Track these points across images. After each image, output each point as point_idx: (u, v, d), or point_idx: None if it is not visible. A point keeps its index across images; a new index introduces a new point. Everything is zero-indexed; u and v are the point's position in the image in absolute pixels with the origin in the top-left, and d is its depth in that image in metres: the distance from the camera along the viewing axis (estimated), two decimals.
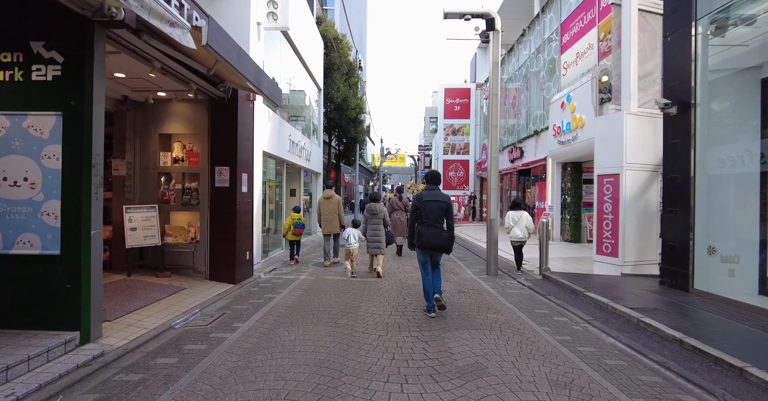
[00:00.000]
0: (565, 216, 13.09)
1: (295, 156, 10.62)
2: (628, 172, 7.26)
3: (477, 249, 11.56)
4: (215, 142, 6.35)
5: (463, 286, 6.64)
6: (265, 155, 8.56)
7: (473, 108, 23.24)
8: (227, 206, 6.28)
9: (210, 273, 6.36)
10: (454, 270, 8.20)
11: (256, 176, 7.46)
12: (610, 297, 5.63)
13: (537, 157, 14.71)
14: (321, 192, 14.93)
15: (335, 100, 16.87)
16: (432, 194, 4.92)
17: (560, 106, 12.27)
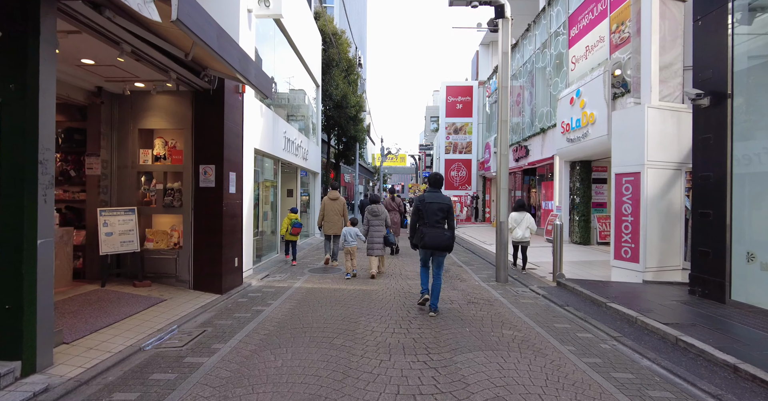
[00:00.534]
0: (573, 218, 12.50)
1: (291, 154, 10.03)
2: (649, 171, 6.67)
3: (482, 252, 10.97)
4: (200, 138, 5.76)
5: (472, 296, 6.05)
6: (258, 153, 7.97)
7: (476, 106, 22.65)
8: (213, 208, 5.70)
9: (194, 282, 5.77)
10: (461, 276, 7.61)
11: (247, 175, 6.87)
12: (637, 309, 5.03)
13: (543, 156, 14.12)
14: (319, 192, 14.33)
15: (334, 97, 16.28)
16: (434, 196, 5.10)
17: (569, 102, 11.68)
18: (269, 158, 8.95)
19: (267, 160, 9.01)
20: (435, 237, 4.91)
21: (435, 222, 4.98)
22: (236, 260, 6.17)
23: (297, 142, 10.56)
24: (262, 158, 8.65)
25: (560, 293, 6.33)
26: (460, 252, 11.14)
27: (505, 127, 7.32)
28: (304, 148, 11.45)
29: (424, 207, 5.04)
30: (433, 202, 5.02)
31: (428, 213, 4.99)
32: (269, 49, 9.08)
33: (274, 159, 9.18)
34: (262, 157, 8.54)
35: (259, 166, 8.37)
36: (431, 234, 4.92)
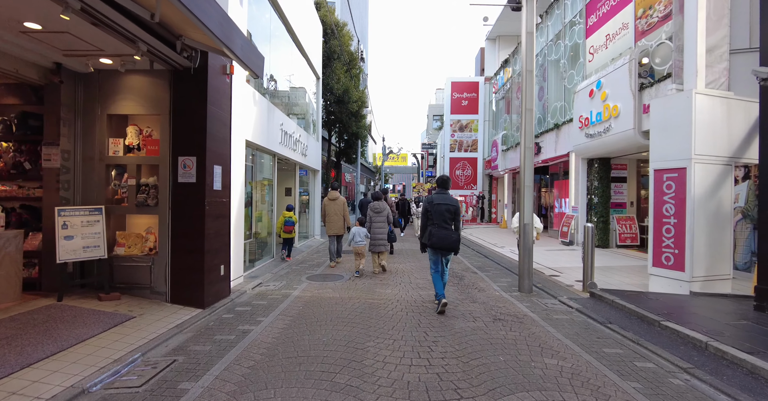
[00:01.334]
0: (591, 219, 11.61)
1: (288, 149, 9.14)
2: (697, 166, 5.78)
3: (496, 256, 10.07)
4: (179, 126, 4.88)
5: (496, 310, 5.16)
6: (250, 146, 7.09)
7: (482, 103, 21.77)
8: (193, 207, 4.81)
9: (171, 294, 4.88)
10: (478, 284, 6.72)
11: (236, 170, 5.99)
12: (702, 330, 4.15)
13: (557, 153, 13.24)
14: (320, 191, 13.45)
15: (335, 91, 15.40)
16: (442, 198, 5.11)
17: (588, 94, 10.80)
18: (264, 152, 8.07)
19: (262, 155, 8.13)
20: (443, 238, 4.94)
21: (443, 223, 5.00)
22: (222, 268, 5.28)
23: (295, 136, 9.68)
24: (257, 153, 7.77)
25: (596, 306, 5.45)
26: (471, 255, 10.25)
27: (529, 117, 6.44)
28: (303, 143, 10.57)
29: (432, 208, 5.06)
30: (441, 203, 5.04)
31: (436, 214, 5.02)
32: (264, 36, 8.19)
33: (269, 153, 8.30)
34: (256, 151, 7.66)
35: (251, 161, 7.49)
36: (439, 235, 4.95)
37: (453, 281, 6.88)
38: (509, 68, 18.57)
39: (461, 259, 9.38)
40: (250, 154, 7.57)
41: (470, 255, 10.19)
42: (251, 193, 7.39)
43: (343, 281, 6.68)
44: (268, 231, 8.76)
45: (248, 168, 7.12)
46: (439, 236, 4.94)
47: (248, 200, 7.21)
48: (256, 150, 7.63)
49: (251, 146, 7.13)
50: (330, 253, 8.06)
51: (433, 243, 4.97)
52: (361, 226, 7.46)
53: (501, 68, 19.68)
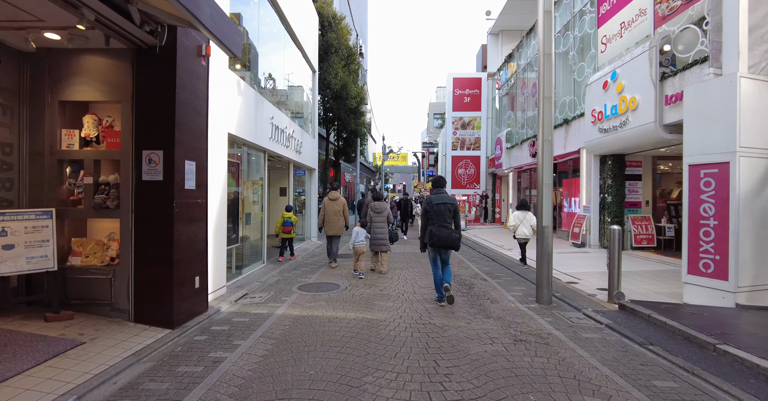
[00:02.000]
0: (604, 219, 10.86)
1: (280, 146, 8.39)
2: (742, 160, 5.02)
3: (505, 260, 9.31)
4: (144, 114, 4.13)
5: (515, 327, 4.40)
6: (235, 141, 6.34)
7: (485, 99, 21.01)
8: (160, 210, 4.06)
9: (136, 312, 4.13)
10: (489, 294, 5.96)
11: (216, 167, 5.24)
12: None
13: (567, 150, 12.48)
14: (316, 191, 12.70)
15: (333, 86, 14.64)
16: (440, 197, 5.19)
17: (602, 86, 10.05)
18: (252, 149, 7.32)
19: (250, 152, 7.37)
20: (444, 236, 5.03)
21: (443, 222, 5.09)
22: (197, 279, 4.53)
23: (288, 131, 8.92)
24: (243, 149, 7.01)
25: (629, 322, 4.69)
26: (477, 259, 9.50)
27: (548, 106, 5.69)
28: (297, 139, 9.81)
29: (431, 208, 5.15)
30: (440, 203, 5.14)
31: (436, 213, 5.11)
32: (252, 19, 7.44)
33: (258, 150, 7.54)
34: (243, 147, 6.90)
35: (238, 158, 6.74)
36: (440, 234, 5.03)
37: (462, 290, 6.13)
38: (513, 63, 17.82)
39: (468, 264, 8.63)
40: (241, 151, 6.82)
41: (477, 259, 9.43)
42: (238, 193, 6.64)
43: (339, 291, 5.92)
44: (260, 234, 8.01)
45: (233, 166, 6.37)
46: (440, 235, 5.03)
47: (232, 200, 6.46)
48: (243, 146, 6.88)
49: (236, 141, 6.38)
50: (327, 253, 8.08)
51: (434, 242, 5.05)
52: (362, 227, 7.44)
53: (505, 63, 18.92)
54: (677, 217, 11.04)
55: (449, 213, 5.11)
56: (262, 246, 7.91)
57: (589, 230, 11.14)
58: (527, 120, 16.26)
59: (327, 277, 6.96)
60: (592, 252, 10.38)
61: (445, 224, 5.08)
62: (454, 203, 5.22)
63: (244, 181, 7.23)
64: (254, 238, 7.84)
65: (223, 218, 5.57)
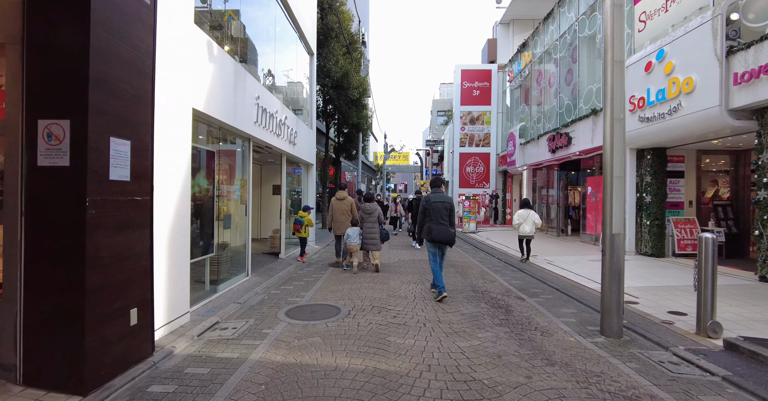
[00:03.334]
0: (641, 222, 9.42)
1: (269, 134, 6.94)
2: None
3: (534, 269, 7.84)
4: (42, 66, 2.69)
5: (596, 383, 2.95)
6: (202, 121, 4.90)
7: (495, 93, 19.56)
8: (66, 211, 2.63)
9: (26, 368, 2.69)
10: (534, 320, 4.52)
11: (172, 151, 3.79)
12: None
13: (595, 144, 11.04)
14: (314, 190, 11.24)
15: (333, 74, 13.19)
16: (438, 196, 5.53)
17: (643, 69, 8.62)
18: (231, 134, 5.87)
19: (245, 142, 5.93)
20: (441, 232, 5.33)
21: (440, 219, 5.38)
22: (133, 313, 3.08)
23: (280, 117, 7.47)
24: (219, 132, 5.57)
25: (755, 372, 3.25)
26: (500, 268, 8.05)
27: (619, 71, 4.24)
28: (291, 128, 8.36)
29: (430, 206, 5.44)
30: (437, 202, 5.43)
31: (434, 211, 5.40)
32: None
33: (240, 136, 6.10)
34: (219, 130, 5.46)
35: (208, 144, 5.30)
36: (438, 230, 5.33)
37: (499, 316, 4.68)
38: (528, 52, 16.38)
39: (493, 276, 7.18)
40: (221, 135, 5.38)
41: (500, 269, 7.98)
42: (213, 190, 5.20)
43: (339, 319, 4.47)
44: (243, 240, 6.56)
45: (206, 155, 4.92)
46: (438, 231, 5.33)
47: (208, 200, 5.02)
48: (220, 129, 5.43)
49: (208, 122, 4.94)
50: (336, 252, 8.17)
51: (433, 237, 5.35)
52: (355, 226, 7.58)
53: (518, 53, 17.48)
54: (727, 220, 9.62)
55: (446, 211, 5.43)
56: (247, 255, 6.46)
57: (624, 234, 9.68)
58: (545, 113, 14.82)
59: (324, 295, 5.51)
60: (630, 259, 8.94)
61: (442, 221, 5.39)
62: (451, 202, 5.57)
63: (224, 175, 5.80)
64: (237, 245, 6.39)
65: (183, 222, 4.12)
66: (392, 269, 7.62)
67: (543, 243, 12.03)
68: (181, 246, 4.06)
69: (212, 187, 5.27)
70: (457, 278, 6.85)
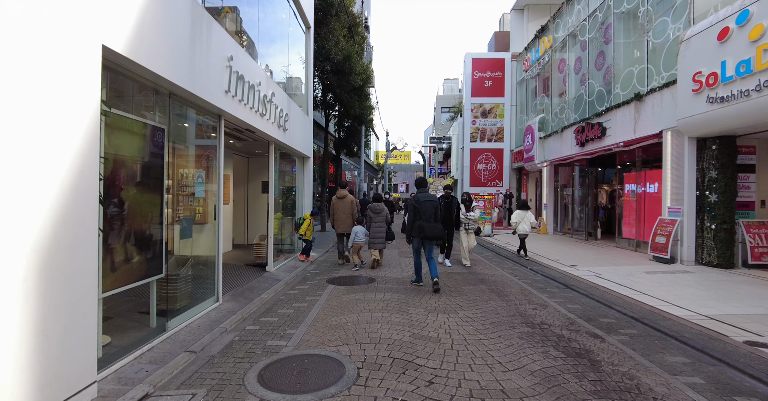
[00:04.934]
0: (704, 225, 7.74)
1: (249, 111, 5.25)
2: None
3: (583, 285, 6.13)
4: None
5: None
6: (132, 73, 3.20)
7: (508, 83, 17.87)
8: None
9: None
10: (639, 380, 2.82)
11: (43, 108, 2.08)
12: None
13: (637, 134, 9.35)
14: (310, 188, 9.52)
15: (333, 57, 11.50)
16: (425, 196, 5.85)
17: (716, 38, 6.96)
18: (189, 103, 4.16)
19: (191, 114, 4.22)
20: (432, 229, 5.59)
21: (429, 218, 5.67)
22: None
23: (265, 91, 5.77)
24: (173, 103, 3.86)
25: None
26: (542, 284, 6.35)
27: None
28: (280, 109, 6.65)
29: (420, 205, 5.72)
30: (426, 201, 5.75)
31: (424, 210, 5.68)
32: None
33: (200, 108, 4.40)
34: (171, 98, 3.75)
35: (156, 119, 3.60)
36: (428, 227, 5.59)
37: (584, 372, 2.98)
38: (548, 37, 14.70)
39: (541, 297, 5.48)
40: (179, 108, 3.68)
41: (543, 285, 6.27)
42: (161, 183, 3.51)
43: (343, 389, 2.76)
44: (214, 252, 4.86)
45: (150, 131, 3.24)
46: (429, 228, 5.60)
47: (150, 196, 3.33)
48: (172, 96, 3.73)
49: (139, 77, 3.23)
50: (339, 252, 7.94)
51: (425, 234, 5.60)
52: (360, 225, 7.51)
53: (535, 39, 15.80)
54: None
55: (434, 209, 5.73)
56: (216, 272, 4.75)
57: (680, 240, 8.02)
58: (569, 102, 13.13)
59: (321, 334, 3.81)
60: (694, 271, 7.25)
61: (431, 219, 5.69)
62: (437, 201, 5.89)
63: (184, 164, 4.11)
64: (204, 259, 4.70)
65: (78, 232, 2.42)
66: (411, 289, 5.92)
67: (574, 248, 10.35)
68: (72, 273, 2.36)
69: (161, 179, 3.59)
70: (498, 302, 5.16)
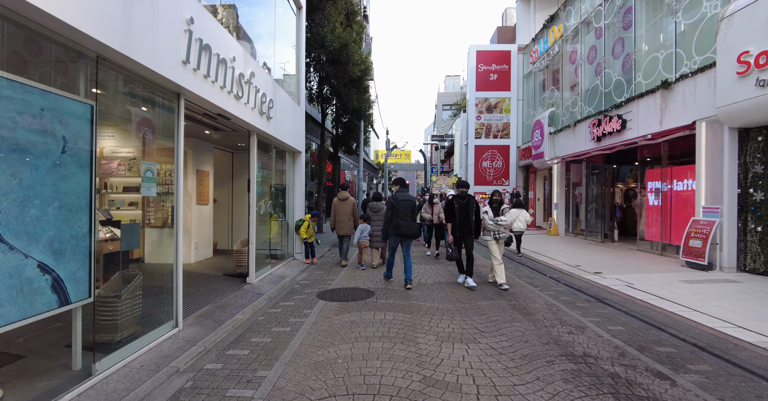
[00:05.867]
0: (747, 227, 6.80)
1: (220, 90, 4.29)
2: None
3: (617, 297, 5.15)
4: None
5: None
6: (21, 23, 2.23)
7: (515, 77, 16.90)
8: None
9: None
10: None
11: None
12: None
13: (664, 126, 8.39)
14: (302, 187, 8.55)
15: (329, 44, 10.53)
16: (404, 195, 5.94)
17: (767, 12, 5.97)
18: (132, 75, 3.19)
19: (136, 87, 3.26)
20: (408, 227, 5.72)
21: (406, 216, 5.79)
22: None
23: (243, 71, 4.80)
24: (107, 72, 2.90)
25: None
26: (569, 296, 5.40)
27: None
28: (263, 94, 5.69)
29: (397, 203, 5.80)
30: (404, 200, 5.84)
31: (401, 208, 5.78)
32: None
33: (150, 83, 3.44)
34: (97, 62, 2.79)
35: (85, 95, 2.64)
36: (405, 225, 5.72)
37: None
38: (558, 26, 13.74)
39: (576, 317, 4.52)
40: (124, 85, 2.73)
41: (570, 298, 5.31)
42: (90, 178, 2.56)
43: None
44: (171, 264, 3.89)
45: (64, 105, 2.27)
46: (405, 226, 5.71)
47: (80, 195, 2.38)
48: (98, 60, 2.77)
49: (36, 25, 2.27)
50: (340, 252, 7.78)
51: (401, 231, 5.71)
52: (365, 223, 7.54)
53: (543, 29, 14.84)
54: None
55: (411, 208, 5.85)
56: (174, 288, 3.78)
57: (719, 244, 7.05)
58: (582, 95, 12.17)
59: (302, 377, 2.86)
60: (739, 280, 6.29)
61: (407, 217, 5.79)
62: (414, 201, 6.00)
63: (125, 154, 3.15)
64: (159, 273, 3.74)
65: None
66: (416, 306, 4.96)
67: (592, 252, 9.39)
68: None
69: (90, 172, 2.64)
70: (524, 323, 4.20)
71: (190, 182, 6.52)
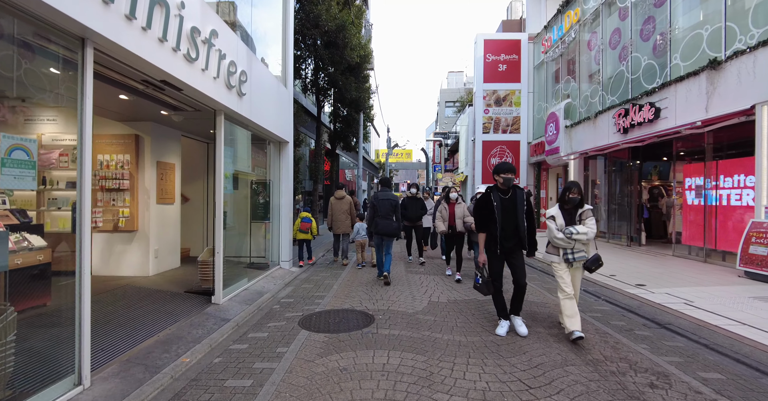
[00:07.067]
0: None
1: (161, 48, 3.09)
2: None
3: (694, 328, 3.92)
4: None
5: None
6: None
7: (525, 68, 15.67)
8: None
9: None
10: None
11: None
12: None
13: (711, 114, 7.17)
14: (290, 183, 7.33)
15: (324, 24, 9.31)
16: (385, 195, 5.97)
17: None
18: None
19: None
20: (386, 226, 5.75)
21: (386, 214, 5.81)
22: None
23: (197, 25, 3.59)
24: None
25: None
26: (622, 321, 4.21)
27: None
28: (232, 61, 4.46)
29: (378, 203, 5.86)
30: (385, 199, 5.86)
31: (382, 207, 5.82)
32: None
33: (30, 17, 2.22)
34: None
35: None
36: (383, 224, 5.76)
37: None
38: (575, 9, 12.51)
39: (650, 357, 3.28)
40: None
41: (625, 323, 4.09)
42: None
43: None
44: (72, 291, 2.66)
45: None
46: (383, 225, 5.75)
47: None
48: None
49: None
50: (334, 251, 7.91)
51: (379, 230, 5.76)
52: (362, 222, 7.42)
53: (557, 15, 13.61)
54: None
55: (392, 207, 5.86)
56: (76, 327, 2.55)
57: None
58: (605, 83, 10.94)
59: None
60: None
61: (388, 217, 5.80)
62: (397, 200, 6.03)
63: None
64: (52, 306, 2.53)
65: None
66: (431, 339, 3.74)
67: (622, 258, 8.16)
68: None
69: None
70: (581, 369, 2.98)
71: (147, 176, 5.32)
